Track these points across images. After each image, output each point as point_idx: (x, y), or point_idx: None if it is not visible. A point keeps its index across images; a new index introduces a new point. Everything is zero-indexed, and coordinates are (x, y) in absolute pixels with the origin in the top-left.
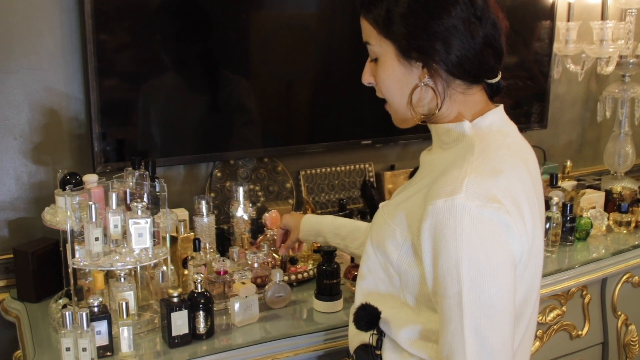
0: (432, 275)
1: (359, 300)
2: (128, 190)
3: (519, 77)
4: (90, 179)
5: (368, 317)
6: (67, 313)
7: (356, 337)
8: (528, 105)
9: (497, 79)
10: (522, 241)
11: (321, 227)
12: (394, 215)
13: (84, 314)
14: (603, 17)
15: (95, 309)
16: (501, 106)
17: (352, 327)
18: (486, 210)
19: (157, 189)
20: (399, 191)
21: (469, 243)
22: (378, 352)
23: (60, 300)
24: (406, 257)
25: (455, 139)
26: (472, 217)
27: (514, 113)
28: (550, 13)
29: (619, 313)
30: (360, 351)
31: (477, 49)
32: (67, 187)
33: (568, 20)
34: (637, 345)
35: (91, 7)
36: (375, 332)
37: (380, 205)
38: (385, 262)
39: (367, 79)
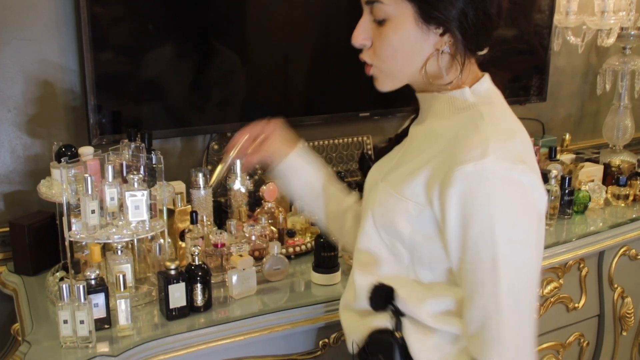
0: (459, 242)
1: (363, 289)
2: (124, 163)
3: (519, 50)
4: (86, 152)
5: (383, 294)
6: (64, 286)
7: (360, 325)
8: (527, 77)
9: (486, 50)
10: (544, 198)
11: (300, 180)
12: (403, 188)
13: (81, 287)
14: None
15: (93, 282)
16: (487, 74)
17: (351, 315)
18: (514, 172)
19: (154, 162)
20: (395, 166)
21: (502, 206)
22: (399, 334)
23: (57, 273)
24: (422, 229)
25: (458, 107)
26: (502, 180)
27: (513, 86)
28: None
29: (616, 286)
30: (377, 335)
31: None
32: (62, 160)
33: None
34: (633, 318)
35: None
36: (392, 314)
37: (379, 182)
38: (392, 240)
39: (362, 39)
